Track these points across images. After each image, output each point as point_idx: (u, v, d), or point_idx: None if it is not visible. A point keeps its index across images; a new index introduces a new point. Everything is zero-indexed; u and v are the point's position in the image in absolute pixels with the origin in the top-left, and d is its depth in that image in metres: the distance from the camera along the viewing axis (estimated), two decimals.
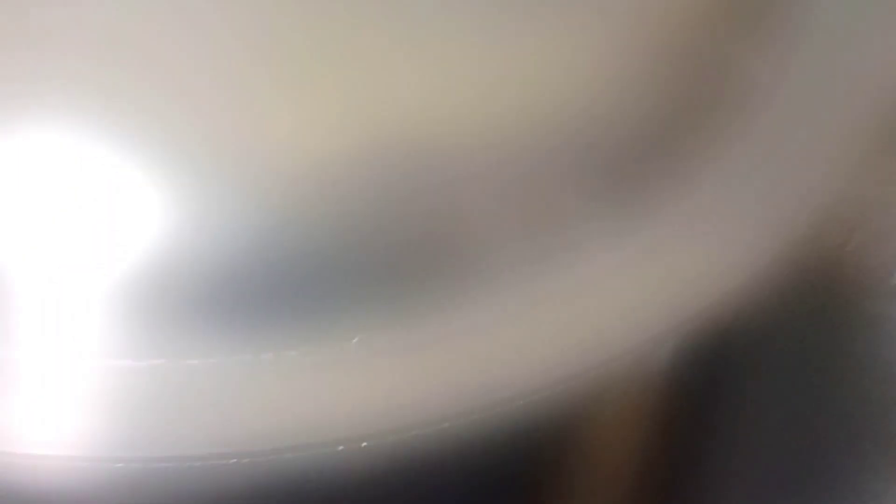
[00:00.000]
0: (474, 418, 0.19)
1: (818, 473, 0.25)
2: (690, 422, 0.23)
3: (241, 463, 0.19)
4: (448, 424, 0.19)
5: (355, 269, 0.19)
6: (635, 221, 0.21)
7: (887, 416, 0.25)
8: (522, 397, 0.20)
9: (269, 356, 0.19)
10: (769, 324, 0.23)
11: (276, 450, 0.19)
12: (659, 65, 0.21)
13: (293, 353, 0.19)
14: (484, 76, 0.20)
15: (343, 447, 0.19)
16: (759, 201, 0.21)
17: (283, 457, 0.19)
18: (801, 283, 0.22)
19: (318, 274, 0.19)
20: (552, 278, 0.20)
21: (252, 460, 0.18)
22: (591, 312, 0.20)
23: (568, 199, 0.21)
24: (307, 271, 0.19)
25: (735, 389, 0.24)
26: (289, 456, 0.19)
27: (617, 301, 0.20)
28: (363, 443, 0.19)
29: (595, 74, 0.21)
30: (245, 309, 0.19)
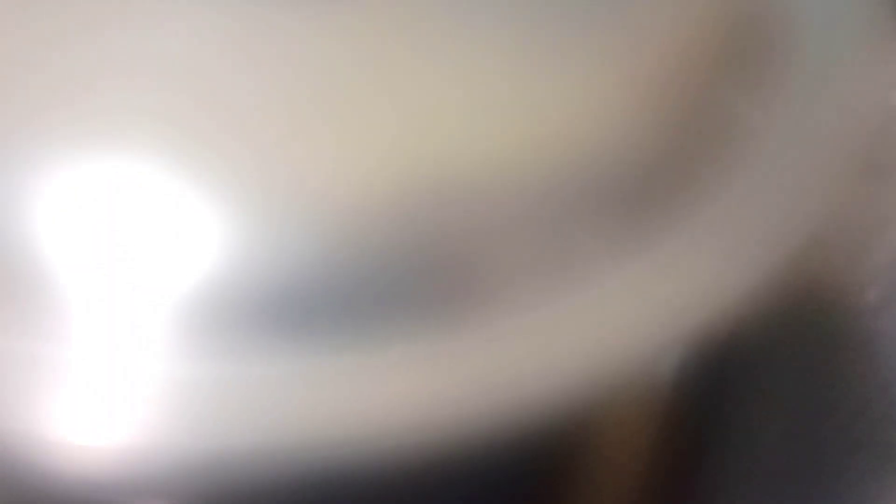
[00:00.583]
0: (492, 424, 0.21)
1: (819, 482, 0.26)
2: (694, 431, 0.24)
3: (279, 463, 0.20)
4: (467, 429, 0.20)
5: (392, 288, 0.21)
6: (642, 244, 0.22)
7: (885, 428, 0.26)
8: (536, 404, 0.21)
9: (315, 363, 0.20)
10: (768, 339, 0.24)
11: (312, 446, 0.20)
12: (663, 107, 0.23)
13: (338, 361, 0.20)
14: (508, 122, 0.22)
15: (372, 447, 0.20)
16: (755, 225, 0.22)
17: (318, 453, 0.20)
18: (797, 299, 0.23)
19: (359, 292, 0.21)
20: (567, 295, 0.22)
21: (289, 457, 0.20)
22: (601, 326, 0.21)
23: (582, 224, 0.22)
24: (349, 290, 0.21)
25: (737, 401, 0.24)
26: (325, 452, 0.20)
27: (625, 316, 0.22)
28: (389, 441, 0.20)
29: (606, 117, 0.22)
30: (294, 320, 0.20)
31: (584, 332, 0.21)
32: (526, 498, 0.22)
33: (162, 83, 0.22)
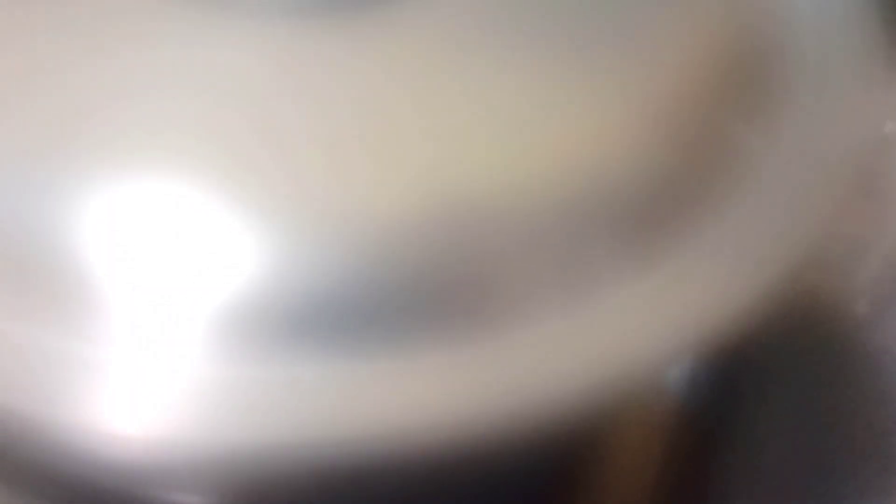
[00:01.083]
0: (507, 429, 0.21)
1: (824, 491, 0.26)
2: (701, 439, 0.25)
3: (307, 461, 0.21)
4: (483, 433, 0.21)
5: (416, 299, 0.22)
6: (651, 261, 0.23)
7: (888, 440, 0.27)
8: (550, 411, 0.21)
9: (343, 368, 0.21)
10: (772, 351, 0.24)
11: (341, 444, 0.21)
12: (670, 133, 0.24)
13: (364, 367, 0.21)
14: (526, 147, 0.23)
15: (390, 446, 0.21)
16: (756, 242, 0.23)
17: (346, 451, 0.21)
18: (798, 313, 0.24)
19: (385, 303, 0.22)
20: (580, 308, 0.22)
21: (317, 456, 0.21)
22: (612, 338, 0.22)
23: (595, 241, 0.23)
24: (376, 300, 0.21)
25: (743, 411, 0.25)
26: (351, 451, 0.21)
27: (635, 328, 0.22)
28: (409, 442, 0.21)
29: (617, 143, 0.23)
30: (324, 328, 0.21)
31: (596, 342, 0.22)
32: (539, 501, 0.23)
33: (205, 103, 0.23)
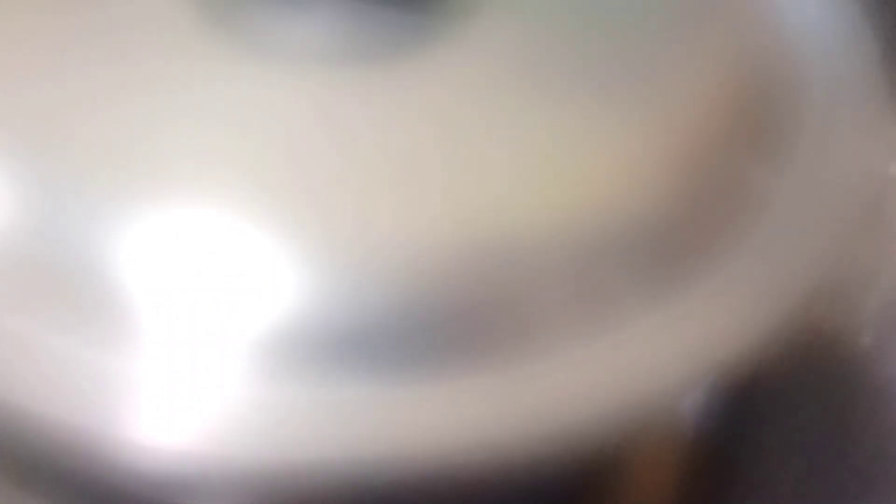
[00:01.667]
0: (528, 453, 0.22)
1: None
2: (714, 465, 0.25)
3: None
4: (509, 454, 0.22)
5: (448, 328, 0.22)
6: (668, 294, 0.23)
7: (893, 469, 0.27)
8: (569, 438, 0.22)
9: (378, 391, 0.22)
10: (783, 380, 0.25)
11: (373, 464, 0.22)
12: (686, 173, 0.24)
13: (396, 391, 0.22)
14: (551, 187, 0.24)
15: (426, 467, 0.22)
16: (767, 276, 0.24)
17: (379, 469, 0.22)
18: (807, 343, 0.24)
19: (420, 332, 0.22)
20: (601, 338, 0.23)
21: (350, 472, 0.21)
22: (631, 366, 0.23)
23: (615, 275, 0.23)
24: (410, 329, 0.22)
25: (757, 439, 0.26)
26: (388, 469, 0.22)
27: (653, 357, 0.23)
28: (438, 462, 0.22)
29: (636, 183, 0.24)
30: (360, 353, 0.22)
31: (615, 371, 0.23)
32: None
33: (252, 140, 0.24)
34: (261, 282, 0.23)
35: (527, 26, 0.25)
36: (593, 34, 0.26)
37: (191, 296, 0.23)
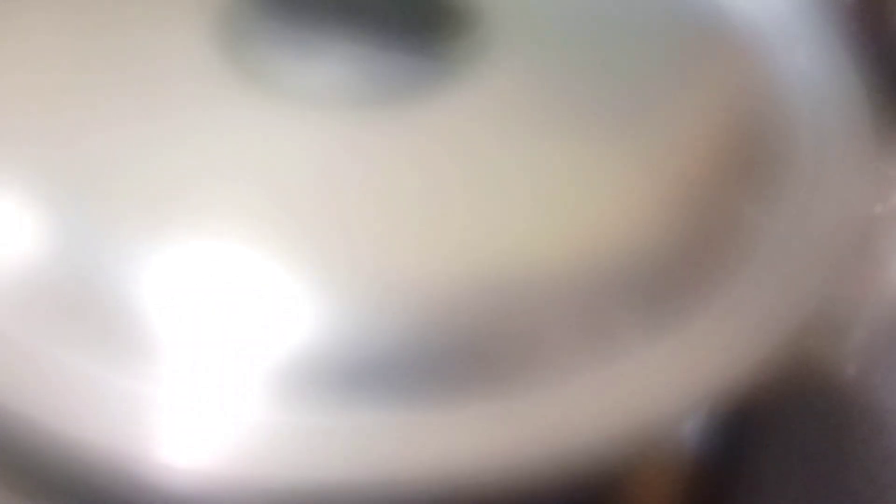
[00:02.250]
0: (536, 476, 0.22)
1: None
2: (711, 487, 0.26)
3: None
4: (514, 480, 0.22)
5: (462, 358, 0.23)
6: (667, 325, 0.24)
7: (891, 495, 0.27)
8: (574, 462, 0.23)
9: (392, 417, 0.23)
10: (779, 410, 0.26)
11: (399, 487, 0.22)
12: (684, 210, 0.25)
13: (410, 418, 0.23)
14: (556, 224, 0.25)
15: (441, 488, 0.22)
16: (760, 307, 0.24)
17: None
18: (800, 372, 0.25)
19: (435, 361, 0.23)
20: (604, 366, 0.24)
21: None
22: (631, 396, 0.23)
23: (618, 308, 0.24)
24: (426, 359, 0.23)
25: (751, 465, 0.26)
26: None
27: (652, 388, 0.23)
28: (450, 485, 0.22)
29: (636, 220, 0.25)
30: (373, 381, 0.23)
31: (617, 399, 0.23)
32: None
33: (275, 181, 0.24)
34: (281, 312, 0.23)
35: (533, 68, 0.26)
36: (596, 78, 0.26)
37: (216, 326, 0.24)
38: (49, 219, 0.25)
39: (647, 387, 0.24)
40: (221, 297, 0.24)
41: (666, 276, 0.25)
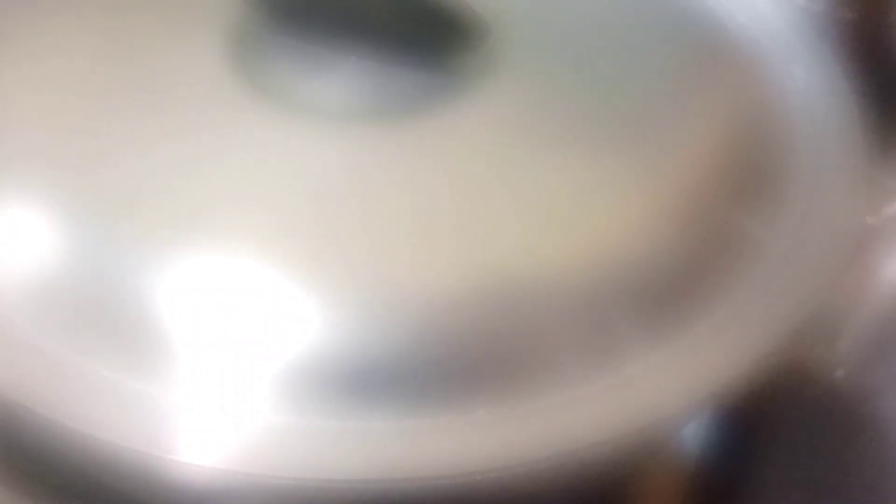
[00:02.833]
0: (541, 477, 0.23)
1: None
2: (710, 485, 0.26)
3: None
4: (518, 482, 0.23)
5: (468, 363, 0.24)
6: (668, 332, 0.25)
7: (890, 502, 0.28)
8: (579, 462, 0.23)
9: (398, 421, 0.23)
10: (776, 413, 0.26)
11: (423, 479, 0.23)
12: (684, 223, 0.26)
13: (416, 421, 0.23)
14: (559, 234, 0.25)
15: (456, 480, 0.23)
16: (759, 316, 0.25)
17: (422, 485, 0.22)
18: (796, 378, 0.25)
19: (441, 367, 0.23)
20: (608, 371, 0.24)
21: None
22: (634, 399, 0.24)
23: (620, 316, 0.25)
24: (431, 364, 0.23)
25: (754, 476, 0.27)
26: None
27: (654, 392, 0.24)
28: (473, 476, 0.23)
29: (638, 232, 0.25)
30: (381, 388, 0.23)
31: (621, 402, 0.24)
32: None
33: (282, 192, 0.25)
34: (293, 320, 0.24)
35: (538, 83, 0.27)
36: (600, 92, 0.27)
37: (232, 334, 0.24)
38: (71, 234, 0.25)
39: (650, 391, 0.24)
40: (237, 306, 0.24)
41: (667, 284, 0.25)
